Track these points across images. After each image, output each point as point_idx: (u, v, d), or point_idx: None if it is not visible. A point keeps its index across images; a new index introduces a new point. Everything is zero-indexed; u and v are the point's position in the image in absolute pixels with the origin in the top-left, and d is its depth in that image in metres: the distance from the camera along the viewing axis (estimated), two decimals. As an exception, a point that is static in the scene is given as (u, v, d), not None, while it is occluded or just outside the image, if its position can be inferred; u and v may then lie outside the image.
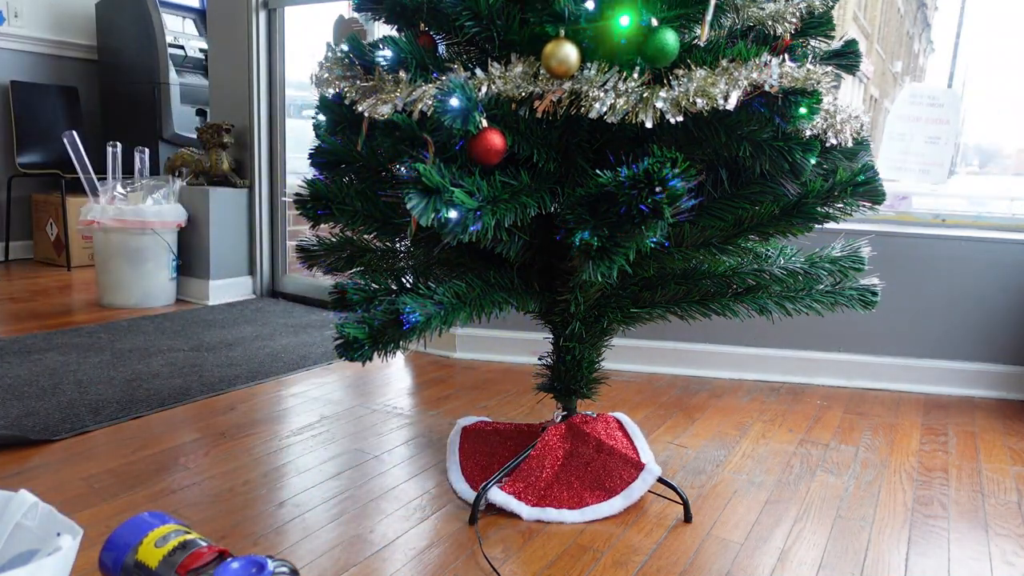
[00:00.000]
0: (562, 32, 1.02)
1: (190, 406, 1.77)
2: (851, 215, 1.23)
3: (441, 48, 1.20)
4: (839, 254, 1.40)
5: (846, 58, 1.32)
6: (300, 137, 3.13)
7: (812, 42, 1.31)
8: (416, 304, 1.07)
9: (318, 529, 1.23)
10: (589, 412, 1.47)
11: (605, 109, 1.01)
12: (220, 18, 3.07)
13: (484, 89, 1.04)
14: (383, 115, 1.07)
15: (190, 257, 3.00)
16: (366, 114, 1.09)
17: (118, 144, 2.89)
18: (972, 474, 1.56)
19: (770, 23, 1.24)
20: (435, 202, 0.95)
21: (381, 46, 1.12)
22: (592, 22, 1.03)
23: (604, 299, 1.34)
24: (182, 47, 3.84)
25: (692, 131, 1.06)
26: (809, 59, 1.04)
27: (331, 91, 1.18)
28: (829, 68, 1.03)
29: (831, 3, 1.28)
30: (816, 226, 1.24)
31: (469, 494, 1.34)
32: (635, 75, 1.02)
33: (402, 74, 1.08)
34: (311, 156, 1.29)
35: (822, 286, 1.38)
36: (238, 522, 1.24)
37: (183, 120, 3.80)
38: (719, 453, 1.61)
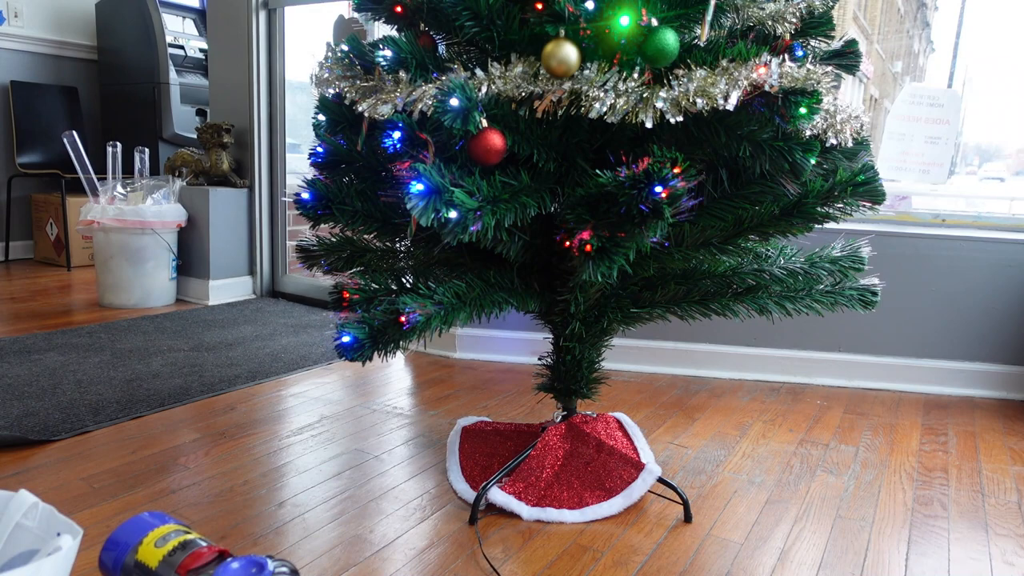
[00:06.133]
0: (562, 32, 1.02)
1: (190, 406, 1.77)
2: (851, 215, 1.23)
3: (441, 48, 1.20)
4: (839, 254, 1.40)
5: (846, 58, 1.32)
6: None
7: (812, 42, 1.31)
8: (416, 304, 1.07)
9: (318, 529, 1.22)
10: (589, 412, 1.47)
11: (605, 109, 1.01)
12: (220, 18, 3.07)
13: (484, 89, 1.04)
14: (383, 115, 1.07)
15: (190, 257, 3.00)
16: (366, 114, 1.09)
17: (118, 144, 2.89)
18: (972, 474, 1.56)
19: (770, 23, 1.24)
20: (435, 202, 0.95)
21: (381, 46, 1.12)
22: (592, 22, 1.03)
23: (604, 299, 1.34)
24: (182, 47, 3.84)
25: (692, 131, 1.06)
26: (809, 59, 1.04)
27: (331, 91, 1.18)
28: (829, 68, 1.03)
29: (831, 3, 1.28)
30: (816, 226, 1.24)
31: (469, 494, 1.34)
32: (635, 75, 1.02)
33: (402, 74, 1.08)
34: (311, 156, 1.29)
35: (822, 286, 1.38)
36: (238, 522, 1.24)
37: (183, 120, 3.80)
38: (719, 453, 1.61)
